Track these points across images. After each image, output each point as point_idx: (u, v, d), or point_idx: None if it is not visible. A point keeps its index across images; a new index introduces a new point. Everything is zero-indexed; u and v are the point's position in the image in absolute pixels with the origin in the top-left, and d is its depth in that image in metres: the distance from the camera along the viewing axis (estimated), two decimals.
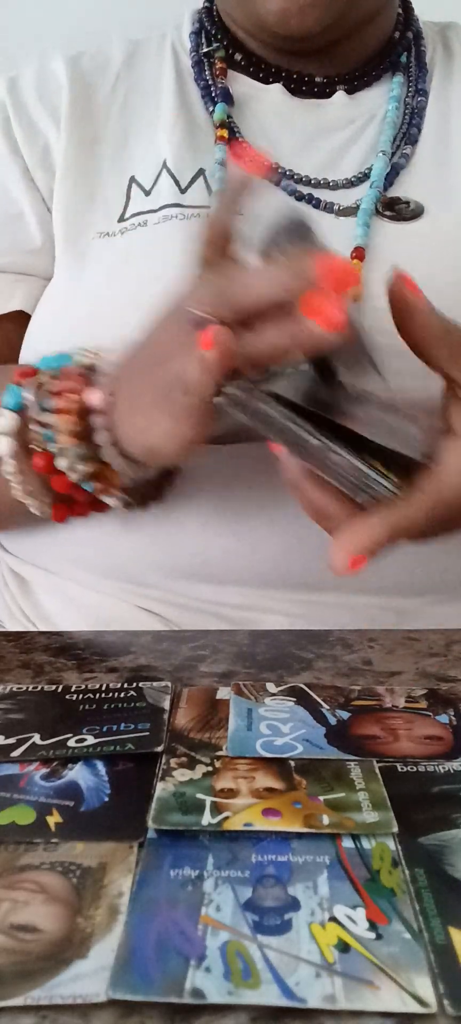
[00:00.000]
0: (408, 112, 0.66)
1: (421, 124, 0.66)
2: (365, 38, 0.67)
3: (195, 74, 0.68)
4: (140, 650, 0.53)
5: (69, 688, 0.47)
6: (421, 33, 0.70)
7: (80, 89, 0.67)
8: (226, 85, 0.67)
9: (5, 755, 0.40)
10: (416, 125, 0.66)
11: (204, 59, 0.68)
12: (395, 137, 0.65)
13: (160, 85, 0.68)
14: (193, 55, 0.68)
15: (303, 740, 0.41)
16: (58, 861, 0.32)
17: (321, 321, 0.38)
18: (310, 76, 0.67)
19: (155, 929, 0.29)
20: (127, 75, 0.69)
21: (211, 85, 0.67)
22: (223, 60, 0.68)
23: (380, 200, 0.61)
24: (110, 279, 0.61)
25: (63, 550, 0.63)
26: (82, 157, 0.65)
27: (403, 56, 0.69)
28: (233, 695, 0.45)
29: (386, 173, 0.63)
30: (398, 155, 0.64)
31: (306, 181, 0.63)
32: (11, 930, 0.29)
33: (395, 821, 0.34)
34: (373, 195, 0.61)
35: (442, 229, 0.61)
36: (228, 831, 0.34)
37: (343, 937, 0.29)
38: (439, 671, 0.49)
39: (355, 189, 0.63)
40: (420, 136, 0.65)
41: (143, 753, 0.39)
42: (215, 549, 0.60)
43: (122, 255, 0.61)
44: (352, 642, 0.53)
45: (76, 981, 0.27)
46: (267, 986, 0.27)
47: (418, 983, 0.27)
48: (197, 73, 0.68)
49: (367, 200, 0.61)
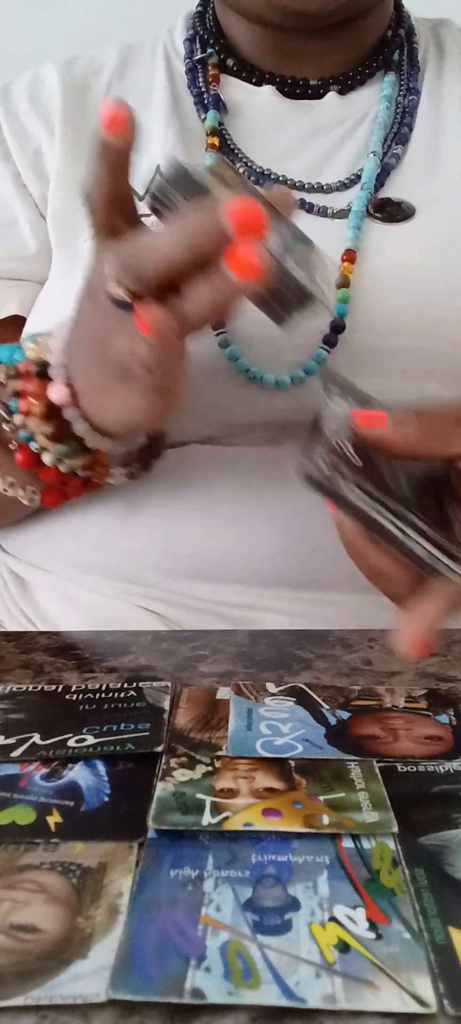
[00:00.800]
0: (399, 111, 0.66)
1: (412, 123, 0.66)
2: (360, 35, 0.67)
3: (188, 81, 0.67)
4: (140, 650, 0.53)
5: (69, 688, 0.47)
6: (413, 30, 0.70)
7: (73, 95, 0.67)
8: (218, 92, 0.66)
9: (5, 755, 0.40)
10: (407, 124, 0.65)
11: (198, 66, 0.68)
12: (386, 137, 0.65)
13: (152, 91, 0.68)
14: (187, 62, 0.68)
15: (303, 740, 0.41)
16: (58, 861, 0.32)
17: (238, 269, 0.37)
18: (304, 79, 0.67)
19: (155, 929, 0.29)
20: (119, 81, 0.69)
21: (204, 92, 0.67)
22: (216, 66, 0.68)
23: (371, 202, 0.61)
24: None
25: (63, 550, 0.63)
26: (76, 163, 0.65)
27: (396, 54, 0.68)
28: (233, 695, 0.45)
29: (377, 174, 0.62)
30: (389, 155, 0.64)
31: (299, 186, 0.63)
32: (11, 930, 0.29)
33: (395, 821, 0.34)
34: (364, 197, 0.61)
35: (433, 229, 0.60)
36: (228, 831, 0.34)
37: (343, 937, 0.29)
38: (439, 671, 0.49)
39: (347, 191, 0.63)
40: (411, 136, 0.65)
41: (143, 753, 0.39)
42: (215, 548, 0.60)
43: None
44: (352, 642, 0.53)
45: (76, 981, 0.27)
46: (267, 986, 0.27)
47: (418, 983, 0.27)
48: (190, 80, 0.67)
49: (358, 202, 0.61)
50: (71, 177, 0.64)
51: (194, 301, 0.39)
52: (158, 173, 0.42)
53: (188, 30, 0.70)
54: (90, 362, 0.46)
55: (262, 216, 0.37)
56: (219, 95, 0.66)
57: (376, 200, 0.61)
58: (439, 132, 0.65)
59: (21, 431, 0.51)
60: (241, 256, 0.37)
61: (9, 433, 0.52)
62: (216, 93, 0.66)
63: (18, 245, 0.65)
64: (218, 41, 0.68)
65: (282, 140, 0.65)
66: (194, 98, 0.67)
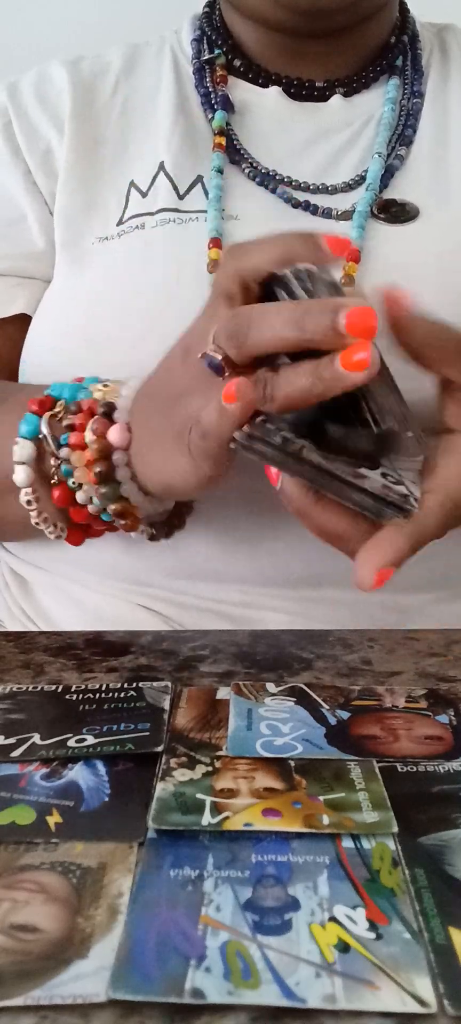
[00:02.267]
0: (403, 114, 0.66)
1: (416, 126, 0.66)
2: (365, 36, 0.67)
3: (196, 80, 0.68)
4: (140, 650, 0.53)
5: (69, 688, 0.47)
6: (418, 36, 0.70)
7: (81, 93, 0.67)
8: (226, 92, 0.67)
9: (5, 755, 0.40)
10: (411, 126, 0.66)
11: (205, 66, 0.68)
12: (390, 139, 0.65)
13: (159, 90, 0.68)
14: (194, 62, 0.68)
15: (303, 740, 0.41)
16: (58, 861, 0.32)
17: (350, 365, 0.38)
18: (310, 81, 0.67)
19: (155, 929, 0.29)
20: (126, 80, 0.69)
21: (211, 92, 0.67)
22: (224, 67, 0.68)
23: (375, 202, 0.61)
24: (108, 282, 0.61)
25: (63, 550, 0.63)
26: (84, 161, 0.65)
27: (399, 59, 0.69)
28: (233, 695, 0.45)
29: (381, 175, 0.62)
30: (393, 157, 0.64)
31: (304, 187, 0.63)
32: (11, 930, 0.29)
33: (395, 821, 0.34)
34: (368, 197, 0.61)
35: (438, 230, 0.61)
36: (228, 831, 0.34)
37: (343, 937, 0.29)
38: (439, 671, 0.49)
39: (352, 193, 0.63)
40: (415, 138, 0.65)
41: (143, 753, 0.39)
42: (216, 547, 0.60)
43: (119, 258, 0.61)
44: (352, 642, 0.53)
45: (76, 981, 0.27)
46: (267, 986, 0.27)
47: (418, 983, 0.27)
48: (198, 80, 0.68)
49: (362, 203, 0.61)
50: (78, 176, 0.65)
51: (291, 381, 0.39)
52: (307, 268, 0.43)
53: (195, 31, 0.70)
54: (155, 412, 0.47)
55: (375, 325, 0.38)
56: (228, 95, 0.66)
57: (381, 201, 0.62)
58: (443, 135, 0.65)
59: (64, 465, 0.51)
60: (355, 354, 0.38)
61: (53, 468, 0.52)
62: (225, 93, 0.66)
63: (26, 243, 0.65)
64: (226, 42, 0.69)
65: (288, 141, 0.66)
66: (201, 98, 0.67)
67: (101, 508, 0.52)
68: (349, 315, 0.38)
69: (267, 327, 0.39)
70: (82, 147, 0.65)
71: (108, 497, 0.50)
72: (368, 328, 0.38)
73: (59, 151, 0.65)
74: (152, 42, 0.72)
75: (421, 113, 0.67)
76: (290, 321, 0.39)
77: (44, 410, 0.53)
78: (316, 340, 0.38)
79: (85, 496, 0.51)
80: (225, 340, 0.41)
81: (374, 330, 0.38)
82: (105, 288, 0.61)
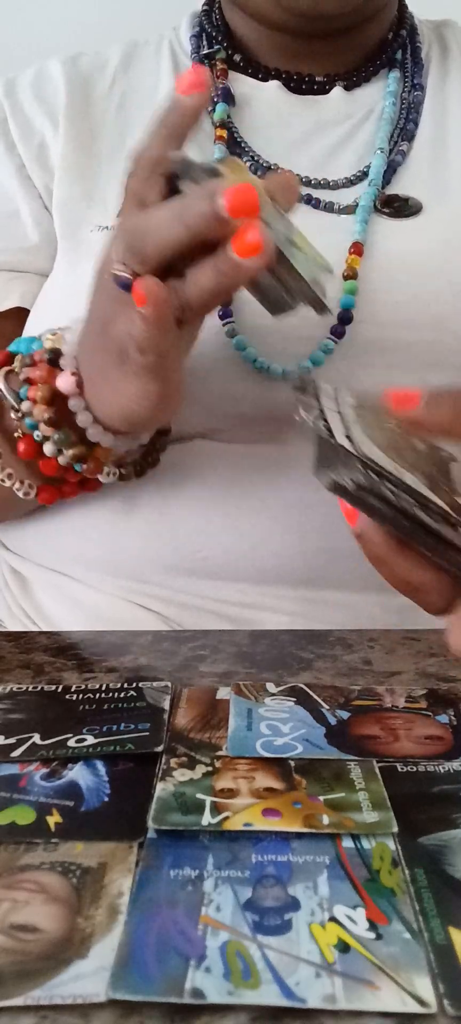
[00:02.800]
0: (405, 108, 0.66)
1: (418, 119, 0.66)
2: (365, 35, 0.67)
3: None
4: (140, 650, 0.53)
5: (69, 688, 0.47)
6: (416, 29, 0.71)
7: (77, 88, 0.68)
8: (227, 85, 0.67)
9: (5, 755, 0.40)
10: (413, 120, 0.66)
11: (205, 61, 0.68)
12: (392, 134, 0.65)
13: (157, 86, 0.68)
14: (194, 56, 0.68)
15: (303, 740, 0.41)
16: (58, 861, 0.32)
17: (241, 250, 0.37)
18: (310, 75, 0.67)
19: (155, 929, 0.29)
20: (123, 76, 0.69)
21: (211, 85, 0.67)
22: (223, 62, 0.68)
23: (378, 197, 0.61)
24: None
25: (64, 548, 0.63)
26: (80, 155, 0.65)
27: (399, 53, 0.69)
28: (233, 695, 0.45)
29: (383, 170, 0.63)
30: (395, 152, 0.64)
31: (305, 181, 0.63)
32: (11, 930, 0.29)
33: (395, 821, 0.34)
34: (371, 192, 0.61)
35: (440, 225, 0.61)
36: (228, 831, 0.34)
37: (343, 937, 0.29)
38: (439, 671, 0.49)
39: (354, 187, 0.63)
40: (417, 132, 0.66)
41: (143, 753, 0.39)
42: (216, 546, 0.60)
43: None
44: (352, 642, 0.53)
45: (76, 981, 0.27)
46: (267, 986, 0.27)
47: (418, 983, 0.27)
48: None
49: (366, 197, 0.61)
50: (75, 169, 0.65)
51: (195, 282, 0.39)
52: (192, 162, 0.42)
53: (194, 27, 0.70)
54: (94, 349, 0.47)
55: (256, 198, 0.37)
56: (229, 88, 0.67)
57: (383, 196, 0.62)
58: (444, 130, 0.66)
59: (27, 419, 0.52)
60: (246, 237, 0.37)
61: (15, 422, 0.52)
62: (226, 86, 0.67)
63: (20, 237, 0.66)
64: (225, 38, 0.69)
65: (288, 134, 0.66)
66: None
67: (69, 459, 0.52)
68: (226, 196, 0.37)
69: (157, 232, 0.39)
70: (78, 140, 0.66)
71: (62, 442, 0.51)
72: (248, 203, 0.37)
73: (54, 145, 0.66)
74: (150, 40, 0.72)
75: (422, 106, 0.67)
76: (173, 220, 0.39)
77: (1, 366, 0.53)
78: (202, 232, 0.38)
79: (53, 448, 0.52)
80: (129, 256, 0.40)
81: (256, 204, 0.37)
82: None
